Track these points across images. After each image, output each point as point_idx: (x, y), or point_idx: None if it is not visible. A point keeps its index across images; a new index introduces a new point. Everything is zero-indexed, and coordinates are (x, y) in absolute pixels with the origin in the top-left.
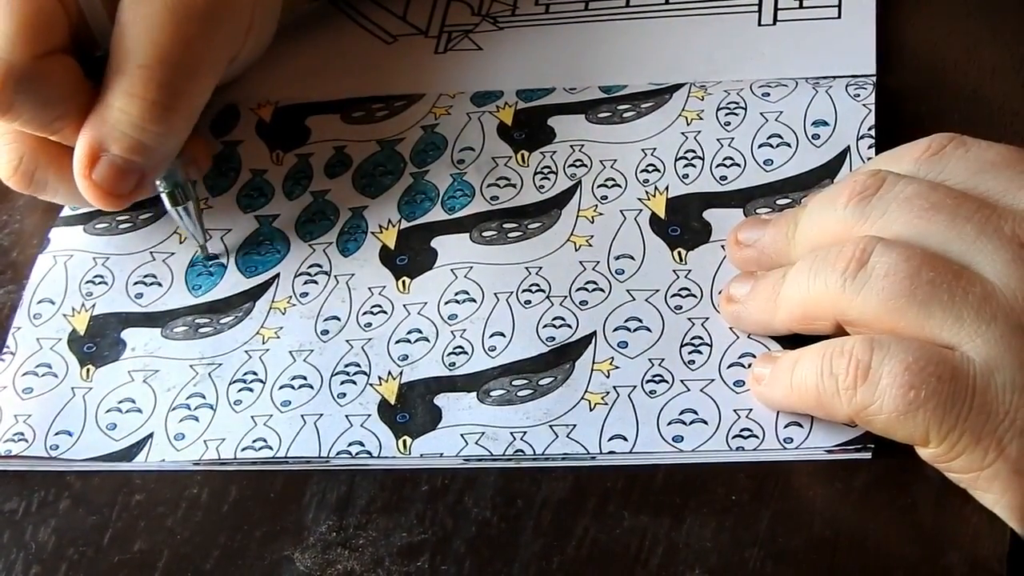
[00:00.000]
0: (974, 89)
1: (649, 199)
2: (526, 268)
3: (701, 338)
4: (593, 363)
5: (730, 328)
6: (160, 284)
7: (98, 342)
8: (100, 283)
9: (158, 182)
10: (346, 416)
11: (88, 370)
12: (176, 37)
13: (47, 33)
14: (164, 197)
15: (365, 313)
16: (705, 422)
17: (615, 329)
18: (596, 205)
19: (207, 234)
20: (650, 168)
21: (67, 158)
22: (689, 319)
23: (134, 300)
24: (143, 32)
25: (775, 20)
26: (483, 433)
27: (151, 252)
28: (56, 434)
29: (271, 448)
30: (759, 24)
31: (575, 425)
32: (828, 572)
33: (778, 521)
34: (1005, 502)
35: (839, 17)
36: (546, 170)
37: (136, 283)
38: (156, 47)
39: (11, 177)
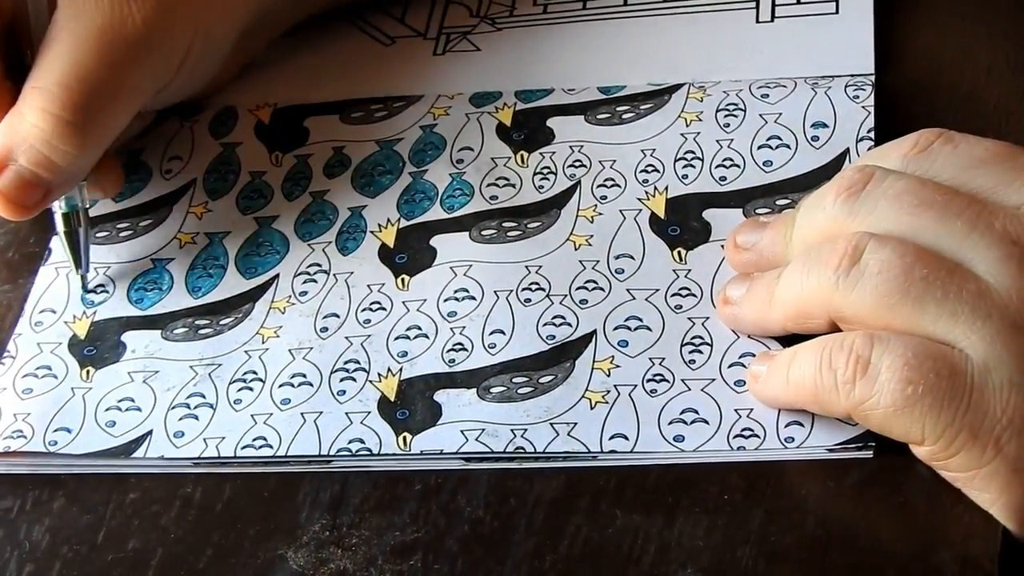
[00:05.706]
0: (969, 89)
1: (649, 199)
2: (526, 267)
3: (701, 337)
4: (593, 362)
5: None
6: (160, 289)
7: (98, 345)
8: (102, 292)
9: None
10: (346, 413)
11: (88, 371)
12: (101, 60)
13: None
14: (58, 218)
15: (364, 310)
16: (706, 422)
17: (615, 328)
18: (595, 205)
19: (89, 265)
20: (649, 168)
21: None
22: (689, 319)
23: (135, 305)
24: (69, 50)
25: (773, 17)
26: (483, 430)
27: (152, 259)
28: (55, 431)
29: (271, 447)
30: (757, 21)
31: (576, 423)
32: (820, 570)
33: (770, 520)
34: (1003, 502)
35: (836, 13)
36: (545, 170)
37: (137, 289)
38: (78, 67)
39: None
